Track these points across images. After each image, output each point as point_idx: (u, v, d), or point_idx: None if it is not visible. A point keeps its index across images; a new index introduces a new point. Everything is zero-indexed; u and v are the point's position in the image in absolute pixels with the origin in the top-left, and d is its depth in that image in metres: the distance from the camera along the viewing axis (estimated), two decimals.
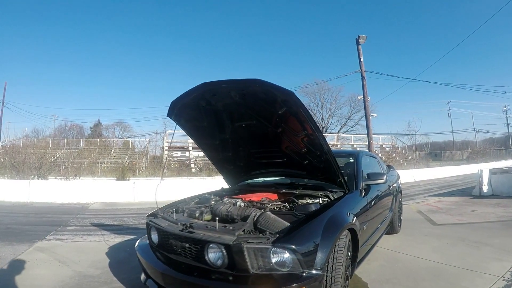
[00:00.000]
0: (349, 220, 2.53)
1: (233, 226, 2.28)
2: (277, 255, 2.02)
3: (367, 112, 19.83)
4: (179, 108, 2.92)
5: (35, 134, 39.88)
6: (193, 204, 3.18)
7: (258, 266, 2.02)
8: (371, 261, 3.58)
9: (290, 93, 2.31)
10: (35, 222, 6.86)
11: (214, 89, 2.56)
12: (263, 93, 2.42)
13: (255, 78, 2.28)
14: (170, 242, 2.46)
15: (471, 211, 6.74)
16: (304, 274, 2.00)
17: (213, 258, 2.15)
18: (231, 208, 2.55)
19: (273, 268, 2.01)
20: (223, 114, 2.96)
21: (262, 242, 2.05)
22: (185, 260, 2.33)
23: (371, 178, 3.34)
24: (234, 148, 3.38)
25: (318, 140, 2.67)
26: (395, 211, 4.63)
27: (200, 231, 2.28)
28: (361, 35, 19.07)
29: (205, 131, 3.23)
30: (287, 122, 2.70)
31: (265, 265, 2.02)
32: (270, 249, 2.01)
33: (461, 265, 3.40)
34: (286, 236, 2.09)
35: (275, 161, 3.30)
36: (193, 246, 2.27)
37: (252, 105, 2.69)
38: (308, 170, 3.20)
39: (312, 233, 2.16)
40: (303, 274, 2.00)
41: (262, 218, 2.29)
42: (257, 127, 2.93)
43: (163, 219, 2.74)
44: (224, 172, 3.88)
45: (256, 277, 2.00)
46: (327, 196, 2.92)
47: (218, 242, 2.10)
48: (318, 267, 2.05)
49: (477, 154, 33.37)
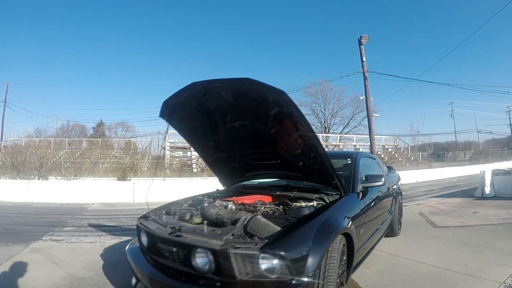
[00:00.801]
0: (343, 225, 2.45)
1: (221, 230, 2.22)
2: (265, 262, 1.94)
3: (369, 112, 19.73)
4: (171, 108, 2.86)
5: (37, 134, 40.06)
6: (186, 206, 3.12)
7: (246, 272, 1.95)
8: (370, 265, 3.50)
9: (281, 93, 2.24)
10: (33, 223, 6.86)
11: (204, 88, 2.50)
12: (254, 92, 2.35)
13: (245, 77, 2.21)
14: (158, 246, 2.41)
15: (473, 213, 6.64)
16: (293, 282, 1.92)
17: (200, 263, 2.09)
18: (222, 211, 2.48)
19: (261, 274, 1.94)
20: (216, 114, 2.90)
21: (249, 247, 1.98)
22: (173, 264, 2.27)
23: (369, 181, 3.25)
24: (228, 149, 3.31)
25: (311, 141, 2.60)
26: (394, 213, 4.54)
27: (188, 235, 2.23)
28: (363, 35, 18.97)
29: (198, 132, 3.16)
30: (280, 123, 2.63)
31: (253, 271, 1.95)
32: (257, 255, 1.94)
33: (462, 270, 3.30)
34: (274, 241, 2.02)
35: (270, 163, 3.23)
36: (180, 250, 2.21)
37: (244, 105, 2.63)
38: (303, 172, 3.12)
39: (303, 239, 2.09)
40: (292, 282, 1.92)
41: (252, 222, 2.22)
42: (250, 128, 2.87)
43: (153, 221, 2.68)
44: (219, 174, 3.81)
45: (243, 284, 1.94)
46: (322, 199, 2.84)
47: (205, 247, 2.04)
48: (309, 274, 1.98)
49: (480, 155, 33.14)
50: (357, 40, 19.17)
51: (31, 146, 26.05)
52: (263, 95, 2.32)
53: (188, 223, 2.54)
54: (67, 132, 43.04)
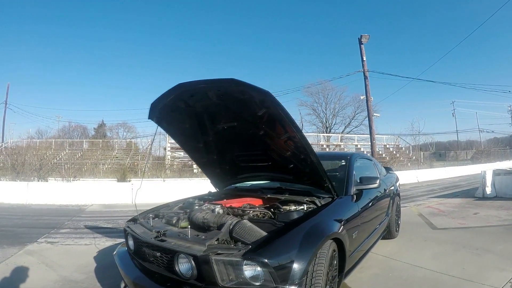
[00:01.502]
0: (333, 230, 2.37)
1: (205, 235, 2.17)
2: (249, 268, 1.88)
3: (369, 112, 19.68)
4: (160, 110, 2.81)
5: (39, 135, 40.11)
6: (176, 209, 3.08)
7: (229, 279, 1.89)
8: (364, 269, 3.42)
9: (266, 93, 2.19)
10: (30, 224, 6.82)
11: (191, 90, 2.45)
12: (240, 93, 2.30)
13: (230, 78, 2.16)
14: (143, 250, 2.37)
15: (474, 214, 6.54)
16: None
17: (183, 269, 2.04)
18: (208, 215, 2.42)
19: (245, 281, 1.88)
20: (204, 116, 2.84)
21: (232, 254, 1.92)
22: (158, 269, 2.23)
23: (363, 183, 3.18)
24: (219, 151, 3.26)
25: (300, 143, 2.53)
26: (392, 215, 4.46)
27: (172, 239, 2.18)
28: (363, 35, 18.94)
29: (188, 134, 3.12)
30: (268, 124, 2.57)
31: (236, 278, 1.89)
32: (240, 262, 1.88)
33: (460, 274, 3.21)
34: (258, 248, 1.96)
35: (261, 165, 3.17)
36: (164, 255, 2.17)
37: (231, 106, 2.58)
38: (295, 175, 3.06)
39: (289, 245, 2.02)
40: None
41: (238, 226, 2.16)
42: (240, 130, 2.81)
43: (140, 225, 2.64)
44: (211, 176, 3.76)
45: None
46: (314, 202, 2.77)
47: (186, 253, 1.99)
48: (295, 281, 1.91)
49: (482, 154, 32.91)
50: (358, 40, 19.12)
51: (32, 147, 26.06)
52: (249, 96, 2.27)
53: (175, 227, 2.49)
54: (68, 133, 43.18)
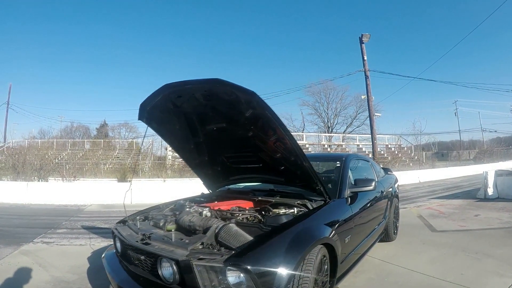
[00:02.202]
0: (322, 234, 2.30)
1: (189, 239, 2.13)
2: (231, 275, 1.82)
3: (370, 111, 19.58)
4: (149, 111, 2.77)
5: (41, 136, 40.31)
6: (166, 210, 3.03)
7: (212, 285, 1.84)
8: (359, 273, 3.35)
9: (251, 93, 2.13)
10: (27, 224, 6.84)
11: (178, 90, 2.40)
12: (226, 94, 2.25)
13: (215, 78, 2.12)
14: (128, 253, 2.33)
15: (474, 216, 6.43)
16: None
17: (166, 274, 2.00)
18: (194, 218, 2.37)
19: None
20: (193, 117, 2.79)
21: (214, 259, 1.86)
22: (143, 273, 2.20)
23: (358, 185, 3.10)
24: (210, 152, 3.21)
25: (289, 145, 2.47)
26: (390, 218, 4.38)
27: (156, 243, 2.14)
28: (364, 34, 18.84)
29: (179, 135, 3.07)
30: (256, 125, 2.51)
31: (219, 285, 1.83)
32: (221, 268, 1.82)
33: (458, 280, 3.11)
34: (241, 253, 1.89)
35: (253, 167, 3.11)
36: (148, 259, 2.13)
37: (219, 108, 2.53)
38: (286, 177, 3.00)
39: (274, 250, 1.96)
40: None
41: (224, 231, 2.10)
42: (229, 131, 2.76)
43: (128, 227, 2.61)
44: (203, 177, 3.71)
45: None
46: (305, 205, 2.70)
47: (168, 257, 1.95)
48: None
49: (485, 154, 32.65)
50: (358, 39, 19.02)
51: (33, 147, 26.14)
52: (235, 96, 2.22)
53: (161, 230, 2.46)
54: (70, 133, 43.36)
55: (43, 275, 3.59)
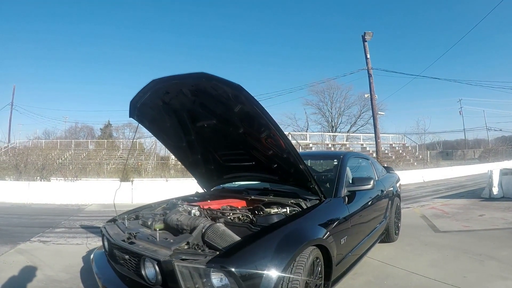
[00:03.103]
0: (315, 235, 2.20)
1: (174, 239, 2.05)
2: (216, 277, 1.73)
3: (374, 110, 19.38)
4: (139, 108, 2.70)
5: (46, 136, 40.55)
6: (159, 209, 2.97)
7: (195, 287, 1.75)
8: (358, 275, 3.24)
9: (238, 87, 2.04)
10: (26, 224, 6.83)
11: (165, 86, 2.34)
12: (213, 88, 2.17)
13: (200, 72, 2.04)
14: (114, 252, 2.28)
15: (479, 216, 6.28)
16: None
17: (149, 274, 1.93)
18: (182, 217, 2.30)
19: None
20: (183, 114, 2.72)
21: (196, 260, 1.78)
22: (128, 273, 2.13)
23: (356, 184, 2.99)
24: (202, 150, 3.13)
25: (280, 141, 2.37)
26: (391, 218, 4.26)
27: (141, 242, 2.08)
28: (367, 32, 18.65)
29: (170, 133, 3.00)
30: (245, 121, 2.43)
31: (203, 286, 1.74)
32: (206, 269, 1.73)
33: (460, 283, 2.98)
34: (226, 255, 1.81)
35: (246, 165, 3.02)
36: (132, 258, 2.07)
37: (208, 104, 2.45)
38: (280, 175, 2.89)
39: (260, 252, 1.86)
40: None
41: (210, 230, 2.02)
42: (220, 128, 2.68)
43: (116, 226, 2.55)
44: (197, 176, 3.62)
45: None
46: (299, 204, 2.60)
47: (151, 257, 1.88)
48: None
49: (490, 153, 32.25)
50: (361, 37, 18.85)
51: (37, 148, 26.32)
52: (223, 91, 2.14)
53: (149, 229, 2.39)
54: (75, 134, 43.52)
55: (37, 274, 3.57)
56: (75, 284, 3.29)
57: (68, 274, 3.55)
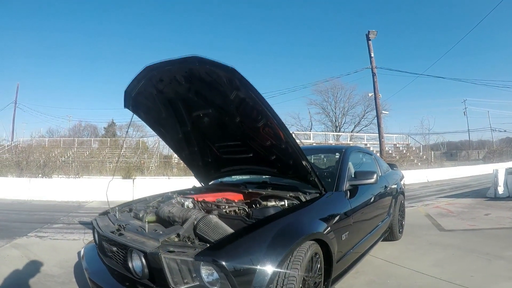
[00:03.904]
0: (314, 229, 2.08)
1: (164, 231, 1.95)
2: (207, 271, 1.62)
3: (378, 109, 19.24)
4: (134, 98, 2.60)
5: (50, 135, 40.70)
6: (154, 203, 2.87)
7: (184, 281, 1.64)
8: (360, 274, 3.12)
9: (231, 70, 1.93)
10: (24, 219, 6.81)
11: (159, 73, 2.24)
12: (207, 74, 2.07)
13: (193, 55, 1.94)
14: (103, 244, 2.19)
15: (485, 215, 6.12)
16: None
17: (136, 267, 1.83)
18: (174, 209, 2.20)
19: (200, 286, 1.62)
20: (178, 103, 2.61)
21: (185, 253, 1.67)
22: (116, 266, 2.04)
23: (358, 178, 2.85)
24: (199, 142, 3.02)
25: (278, 130, 2.25)
26: (395, 215, 4.13)
27: (129, 234, 1.98)
28: (371, 30, 18.54)
29: (166, 124, 2.90)
30: (241, 109, 2.32)
31: (192, 281, 1.64)
32: (193, 262, 1.62)
33: (466, 283, 2.84)
34: (216, 247, 1.70)
35: (244, 157, 2.90)
36: (119, 250, 1.98)
37: (202, 91, 2.34)
38: (278, 167, 2.77)
39: (254, 245, 1.74)
40: None
41: (203, 222, 1.92)
42: (216, 117, 2.58)
43: (108, 218, 2.47)
44: (194, 170, 3.52)
45: None
46: (298, 198, 2.49)
47: (137, 249, 1.78)
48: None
49: (494, 154, 31.90)
50: (365, 36, 18.69)
51: (41, 146, 26.38)
52: (216, 76, 2.04)
53: (138, 221, 2.30)
54: (79, 133, 43.65)
55: (30, 268, 3.55)
56: (67, 279, 3.23)
57: (62, 269, 3.50)
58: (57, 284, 3.12)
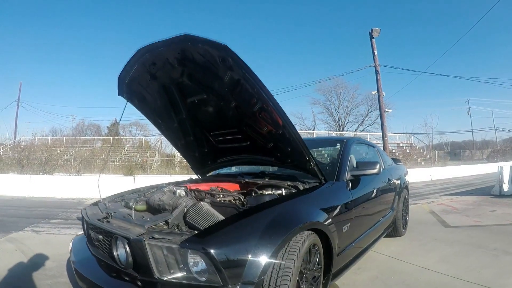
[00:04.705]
0: (312, 218, 1.95)
1: (151, 218, 1.84)
2: (195, 259, 1.50)
3: (381, 107, 19.04)
4: (128, 85, 2.48)
5: (53, 134, 40.77)
6: (148, 194, 2.75)
7: (169, 271, 1.53)
8: (362, 270, 2.99)
9: (223, 47, 1.82)
10: (23, 215, 6.79)
11: (151, 56, 2.13)
12: (199, 54, 1.96)
13: (184, 34, 1.82)
14: (89, 233, 2.11)
15: (490, 212, 5.98)
16: None
17: (120, 255, 1.72)
18: (165, 196, 2.10)
19: (190, 276, 1.51)
20: (172, 89, 2.50)
21: (170, 239, 1.55)
22: (103, 255, 1.94)
23: (360, 168, 2.72)
24: (195, 131, 2.91)
25: (274, 114, 2.13)
26: (398, 210, 3.99)
27: (116, 221, 1.88)
28: (374, 28, 18.32)
29: (161, 112, 2.79)
30: (237, 93, 2.20)
31: (179, 271, 1.52)
32: (178, 249, 1.50)
33: (474, 279, 2.70)
34: (204, 234, 1.58)
35: (241, 146, 2.79)
36: (105, 238, 1.88)
37: (196, 74, 2.23)
38: (276, 156, 2.65)
39: (246, 233, 1.62)
40: None
41: (193, 209, 1.81)
42: (211, 103, 2.46)
43: (97, 207, 2.39)
44: (191, 161, 3.40)
45: (162, 285, 1.52)
46: (296, 187, 2.37)
47: (122, 235, 1.67)
48: (250, 279, 1.50)
49: (498, 153, 31.67)
50: (368, 34, 18.52)
51: (44, 144, 26.45)
52: (209, 56, 1.94)
53: (127, 209, 2.21)
54: (82, 132, 43.72)
55: (22, 261, 3.54)
56: (59, 272, 3.16)
57: (54, 262, 3.46)
58: (48, 277, 3.06)
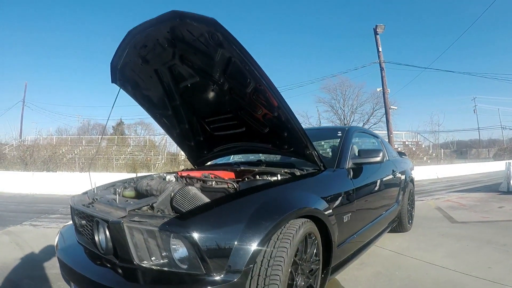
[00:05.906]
0: (307, 204, 1.81)
1: (134, 201, 1.72)
2: (178, 245, 1.37)
3: (386, 104, 18.80)
4: (121, 71, 2.38)
5: (59, 134, 41.01)
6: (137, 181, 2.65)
7: (150, 257, 1.41)
8: (365, 265, 2.85)
9: (212, 22, 1.69)
10: (23, 210, 6.81)
11: (142, 37, 2.02)
12: (188, 31, 1.85)
13: (172, 11, 1.72)
14: (75, 220, 2.00)
15: (498, 208, 5.78)
16: (208, 278, 1.33)
17: (101, 240, 1.61)
18: (153, 182, 2.00)
19: (168, 263, 1.39)
20: (165, 74, 2.39)
21: (147, 222, 1.43)
22: (86, 242, 1.83)
23: (362, 156, 2.56)
24: (189, 118, 2.79)
25: (268, 94, 1.99)
26: (403, 205, 3.83)
27: (99, 205, 1.78)
28: (379, 25, 18.06)
29: (155, 99, 2.68)
30: (229, 73, 2.08)
31: (161, 257, 1.40)
32: (159, 233, 1.38)
33: (485, 275, 2.54)
34: (186, 216, 1.45)
35: (236, 132, 2.66)
36: (88, 223, 1.79)
37: (187, 54, 2.12)
38: (273, 142, 2.51)
39: (233, 217, 1.49)
40: (206, 278, 1.33)
41: (179, 193, 1.70)
42: (204, 87, 2.34)
43: (86, 195, 2.26)
44: (187, 151, 3.28)
45: (143, 273, 1.40)
46: (293, 174, 2.24)
47: (101, 218, 1.57)
48: (237, 268, 1.37)
49: (504, 152, 31.21)
50: (373, 30, 18.28)
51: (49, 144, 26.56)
52: (199, 33, 1.83)
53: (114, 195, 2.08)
54: (87, 132, 43.93)
55: (16, 253, 3.53)
56: (51, 264, 3.10)
57: (48, 255, 3.42)
58: (40, 268, 3.04)
